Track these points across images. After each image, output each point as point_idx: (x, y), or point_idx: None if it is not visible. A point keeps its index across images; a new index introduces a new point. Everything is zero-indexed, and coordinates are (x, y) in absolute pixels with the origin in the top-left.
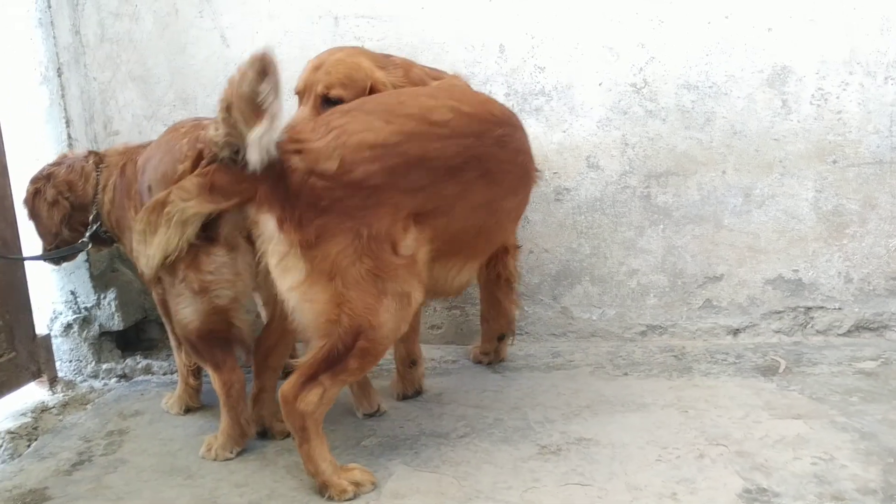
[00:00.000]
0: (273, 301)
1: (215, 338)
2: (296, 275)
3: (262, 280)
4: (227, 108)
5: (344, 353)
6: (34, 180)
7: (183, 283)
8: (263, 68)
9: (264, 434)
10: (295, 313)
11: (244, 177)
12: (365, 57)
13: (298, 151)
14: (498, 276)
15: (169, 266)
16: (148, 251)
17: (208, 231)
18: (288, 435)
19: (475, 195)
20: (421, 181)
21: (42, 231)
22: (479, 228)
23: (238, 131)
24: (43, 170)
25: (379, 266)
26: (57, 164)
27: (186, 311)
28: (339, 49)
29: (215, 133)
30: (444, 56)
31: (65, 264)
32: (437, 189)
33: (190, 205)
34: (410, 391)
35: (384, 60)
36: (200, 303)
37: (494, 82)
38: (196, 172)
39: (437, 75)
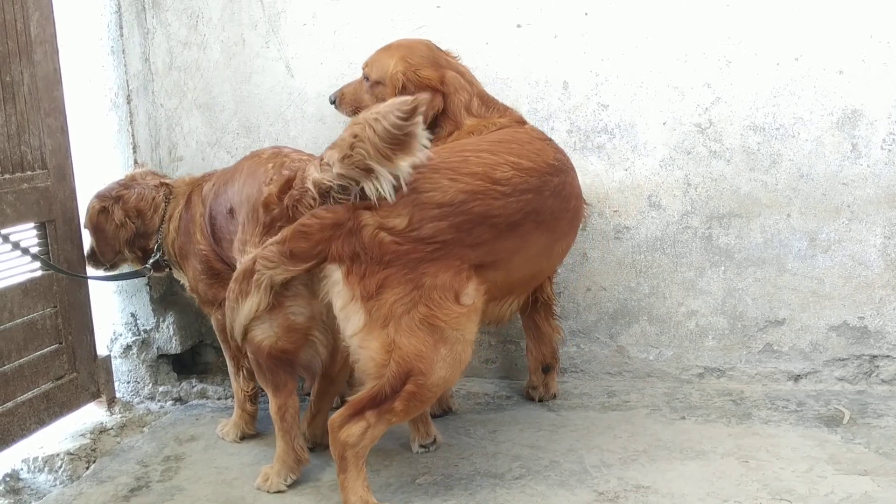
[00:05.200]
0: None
1: (284, 359)
2: (356, 322)
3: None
4: (352, 146)
5: (391, 395)
6: (101, 197)
7: None
8: (412, 110)
9: (313, 449)
10: (354, 357)
11: (320, 239)
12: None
13: (369, 208)
14: (535, 301)
15: None
16: (239, 318)
17: None
18: None
19: (532, 246)
20: (483, 236)
21: (104, 247)
22: (534, 273)
23: (362, 167)
24: (111, 189)
25: (439, 315)
26: (126, 186)
27: (262, 327)
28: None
29: (324, 175)
30: (507, 91)
31: (120, 284)
32: (497, 244)
33: (276, 272)
34: (439, 411)
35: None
36: (276, 319)
37: (557, 118)
38: (273, 240)
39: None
